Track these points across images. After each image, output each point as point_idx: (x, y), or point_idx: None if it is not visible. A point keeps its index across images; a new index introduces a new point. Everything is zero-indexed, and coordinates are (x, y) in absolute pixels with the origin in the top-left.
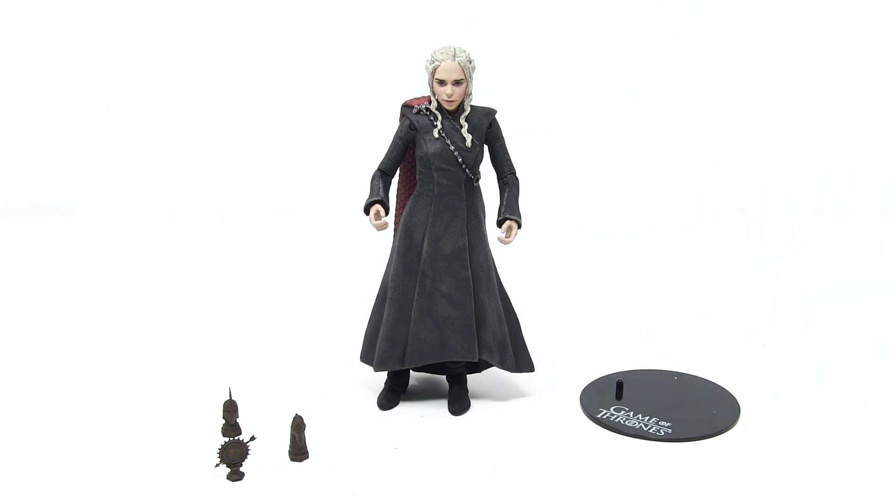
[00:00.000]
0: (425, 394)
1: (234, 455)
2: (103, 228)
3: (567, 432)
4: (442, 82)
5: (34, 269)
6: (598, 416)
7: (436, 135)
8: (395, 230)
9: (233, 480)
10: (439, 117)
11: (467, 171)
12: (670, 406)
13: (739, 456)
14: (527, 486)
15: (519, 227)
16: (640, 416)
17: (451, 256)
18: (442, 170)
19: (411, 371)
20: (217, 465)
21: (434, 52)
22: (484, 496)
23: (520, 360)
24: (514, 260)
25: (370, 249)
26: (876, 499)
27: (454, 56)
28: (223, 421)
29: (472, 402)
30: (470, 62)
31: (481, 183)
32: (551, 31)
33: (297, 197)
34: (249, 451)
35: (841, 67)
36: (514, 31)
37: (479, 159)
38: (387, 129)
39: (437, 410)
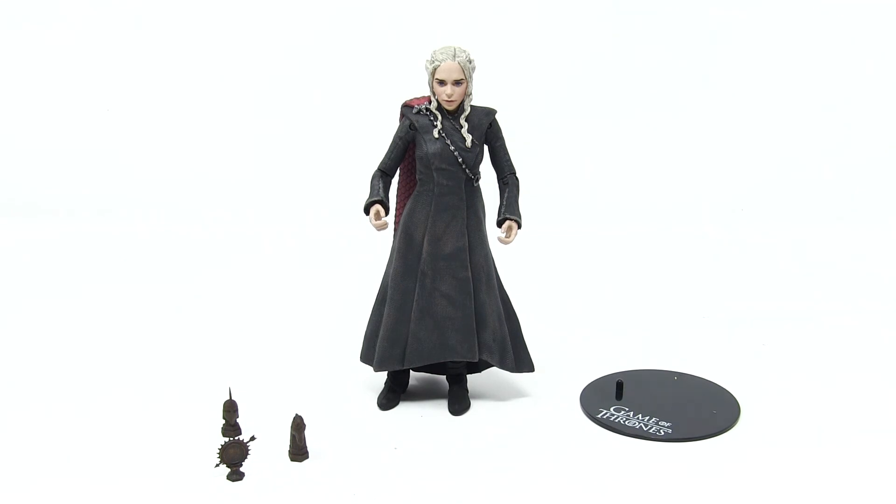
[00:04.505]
0: (425, 394)
1: (234, 455)
2: (103, 228)
3: (567, 432)
4: (442, 82)
5: (33, 269)
6: (598, 416)
7: (436, 135)
8: (395, 230)
9: (233, 480)
10: (439, 117)
11: (467, 171)
12: (670, 406)
13: (739, 456)
14: (527, 486)
15: (519, 227)
16: (640, 416)
17: (451, 256)
18: (442, 170)
19: (411, 371)
20: (217, 465)
21: (434, 52)
22: (484, 496)
23: (520, 360)
24: (514, 260)
25: (370, 249)
26: (876, 499)
27: (454, 56)
28: (223, 421)
29: (472, 402)
30: (470, 62)
31: (481, 183)
32: (551, 31)
33: (297, 197)
34: (249, 451)
35: (841, 66)
36: (514, 31)
37: (479, 159)
38: (387, 129)
39: (437, 410)
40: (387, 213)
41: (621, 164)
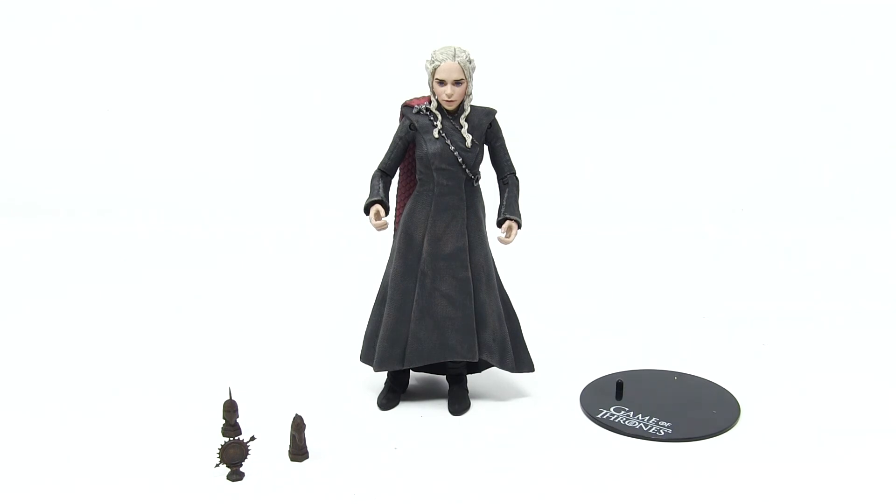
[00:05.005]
0: (425, 394)
1: (234, 455)
2: (103, 228)
3: (567, 432)
4: (442, 82)
5: (33, 269)
6: (598, 416)
7: (436, 135)
8: (395, 230)
9: (233, 480)
10: (439, 117)
11: (467, 171)
12: (670, 406)
13: (739, 456)
14: (527, 486)
15: (519, 227)
16: (640, 416)
17: (451, 256)
18: (442, 170)
19: (411, 371)
20: (217, 465)
21: (434, 52)
22: (484, 496)
23: (520, 360)
24: (514, 260)
25: (370, 249)
26: (876, 499)
27: (454, 56)
28: (223, 421)
29: (472, 402)
30: (470, 62)
31: (481, 183)
32: (551, 31)
33: (297, 197)
34: (249, 451)
35: (841, 66)
36: (514, 31)
37: (479, 159)
38: (387, 129)
39: (437, 410)
40: (387, 213)
41: (621, 163)
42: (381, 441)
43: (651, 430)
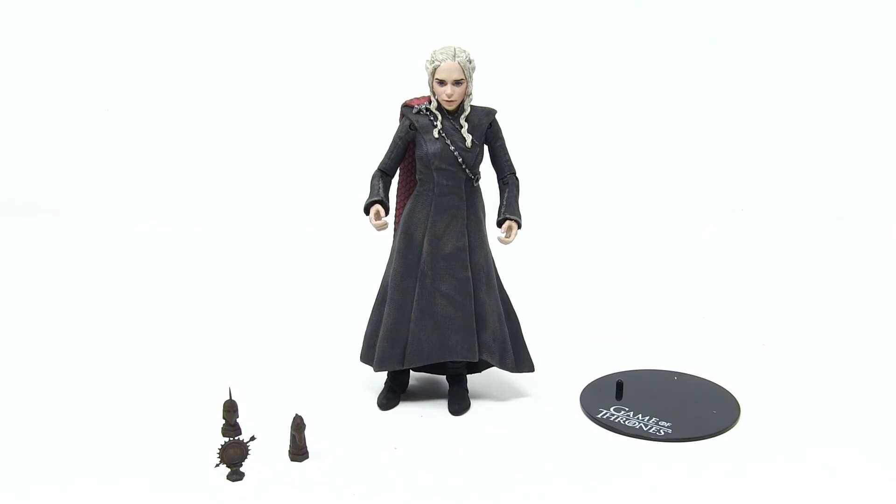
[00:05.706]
0: (425, 394)
1: (234, 455)
2: (103, 228)
3: (567, 432)
4: (442, 82)
5: (33, 269)
6: (598, 416)
7: (436, 135)
8: (395, 230)
9: (233, 480)
10: (439, 117)
11: (467, 171)
12: (670, 406)
13: (739, 456)
14: (527, 486)
15: (519, 227)
16: (640, 416)
17: (451, 256)
18: (442, 170)
19: (411, 371)
20: (217, 465)
21: (434, 52)
22: (484, 496)
23: (520, 360)
24: (514, 260)
25: (370, 249)
26: (876, 499)
27: (454, 56)
28: (223, 421)
29: (472, 402)
30: (470, 62)
31: (481, 183)
32: (551, 31)
33: (297, 197)
34: (249, 451)
35: (841, 66)
36: (514, 31)
37: (479, 159)
38: (387, 129)
39: (437, 410)
40: (387, 213)
41: (621, 164)
42: (381, 441)
43: (651, 430)
